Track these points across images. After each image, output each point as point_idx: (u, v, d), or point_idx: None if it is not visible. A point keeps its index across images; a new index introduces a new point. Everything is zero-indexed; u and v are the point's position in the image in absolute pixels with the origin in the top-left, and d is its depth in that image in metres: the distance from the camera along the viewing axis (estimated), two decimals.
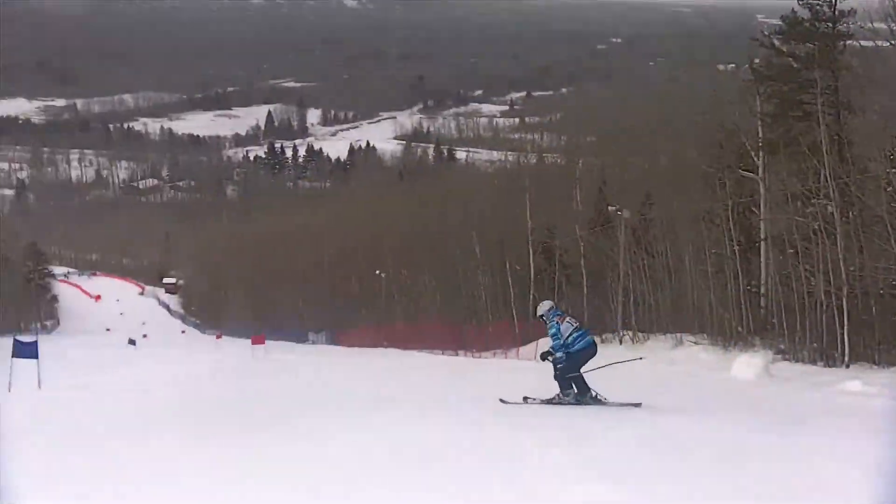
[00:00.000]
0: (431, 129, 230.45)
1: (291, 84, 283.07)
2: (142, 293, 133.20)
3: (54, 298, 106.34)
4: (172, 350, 48.63)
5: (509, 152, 53.10)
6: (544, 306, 12.13)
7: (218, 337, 68.88)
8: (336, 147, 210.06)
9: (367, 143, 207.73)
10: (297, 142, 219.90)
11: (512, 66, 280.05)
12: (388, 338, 47.22)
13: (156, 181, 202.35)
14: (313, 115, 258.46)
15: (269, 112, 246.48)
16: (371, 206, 74.33)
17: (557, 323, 11.55)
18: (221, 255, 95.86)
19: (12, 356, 19.07)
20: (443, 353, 37.80)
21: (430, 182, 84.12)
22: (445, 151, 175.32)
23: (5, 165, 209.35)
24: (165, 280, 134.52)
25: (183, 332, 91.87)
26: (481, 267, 43.48)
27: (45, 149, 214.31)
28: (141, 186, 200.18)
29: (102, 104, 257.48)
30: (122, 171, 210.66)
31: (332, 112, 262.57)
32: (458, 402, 13.32)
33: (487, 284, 43.12)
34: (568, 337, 11.42)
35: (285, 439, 8.88)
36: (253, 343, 38.95)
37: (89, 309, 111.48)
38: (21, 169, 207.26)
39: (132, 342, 52.55)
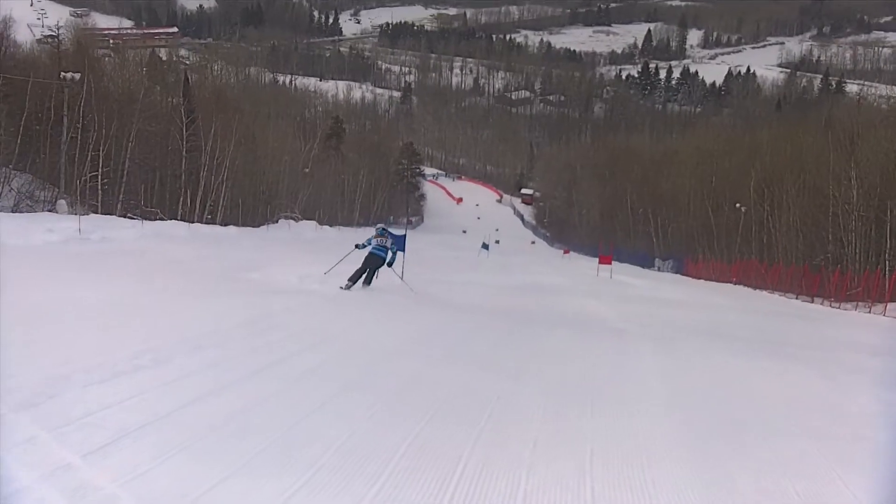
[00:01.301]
0: (822, 57, 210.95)
1: (676, 2, 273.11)
2: (499, 200, 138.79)
3: (422, 197, 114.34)
4: (519, 259, 50.11)
5: None
6: (379, 226, 17.25)
7: (565, 252, 69.96)
8: (713, 71, 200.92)
9: (748, 69, 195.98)
10: (673, 63, 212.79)
11: None
12: (737, 274, 44.82)
13: (527, 93, 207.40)
14: (694, 37, 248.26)
15: (649, 30, 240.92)
16: (741, 135, 70.11)
17: (373, 238, 16.50)
18: (579, 172, 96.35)
19: (395, 244, 20.15)
20: (796, 298, 34.98)
21: (811, 115, 77.35)
22: (834, 83, 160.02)
23: (397, 68, 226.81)
24: (523, 191, 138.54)
25: (533, 242, 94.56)
26: (856, 212, 39.48)
27: (433, 55, 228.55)
28: (513, 97, 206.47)
29: (489, 14, 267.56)
30: (497, 80, 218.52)
31: (715, 34, 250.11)
32: None
33: (860, 231, 39.18)
34: (371, 247, 16.16)
35: None
36: (600, 262, 38.57)
37: (450, 210, 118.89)
38: (409, 73, 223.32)
39: (485, 247, 54.68)
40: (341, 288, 14.95)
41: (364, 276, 15.70)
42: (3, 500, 3.78)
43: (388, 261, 16.28)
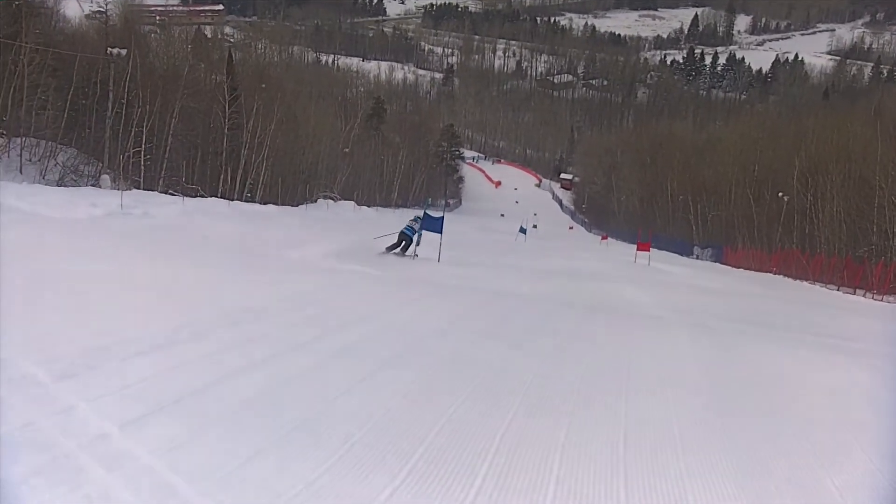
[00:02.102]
0: (874, 45, 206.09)
1: None
2: (538, 185, 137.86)
3: (460, 179, 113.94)
4: (557, 244, 49.93)
5: None
6: (415, 216, 21.45)
7: (603, 238, 69.51)
8: (760, 57, 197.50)
9: (796, 56, 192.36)
10: (719, 49, 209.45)
11: None
12: (777, 264, 44.17)
13: (570, 77, 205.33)
14: (742, 22, 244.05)
15: (696, 15, 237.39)
16: (786, 123, 68.91)
17: (410, 221, 20.65)
18: (620, 158, 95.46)
19: (420, 228, 20.24)
20: (838, 290, 34.42)
21: (860, 103, 75.80)
22: (885, 71, 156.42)
23: (439, 49, 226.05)
24: (562, 175, 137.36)
25: (571, 228, 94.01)
26: None
27: (476, 36, 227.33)
28: (555, 81, 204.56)
29: None
30: (540, 64, 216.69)
31: (764, 20, 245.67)
32: None
33: None
34: (405, 227, 20.16)
35: None
36: (638, 249, 38.26)
37: (489, 193, 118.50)
38: (452, 54, 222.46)
39: (523, 231, 54.39)
40: (383, 252, 19.31)
41: (399, 247, 19.90)
42: (43, 468, 3.84)
43: (414, 240, 20.00)
